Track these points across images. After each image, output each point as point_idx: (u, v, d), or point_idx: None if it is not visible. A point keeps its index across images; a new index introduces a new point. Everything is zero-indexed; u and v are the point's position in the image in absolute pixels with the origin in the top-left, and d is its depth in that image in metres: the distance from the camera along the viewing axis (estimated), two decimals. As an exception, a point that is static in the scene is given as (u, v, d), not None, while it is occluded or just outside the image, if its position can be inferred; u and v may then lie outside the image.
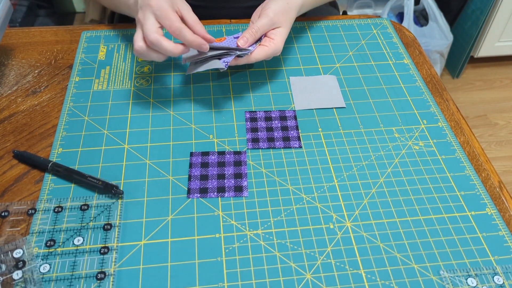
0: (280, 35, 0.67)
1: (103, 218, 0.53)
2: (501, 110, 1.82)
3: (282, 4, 0.68)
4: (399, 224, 0.54)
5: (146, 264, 0.49)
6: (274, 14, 0.67)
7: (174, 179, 0.57)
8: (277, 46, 0.66)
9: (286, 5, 0.68)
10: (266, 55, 0.66)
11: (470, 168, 0.60)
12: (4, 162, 0.59)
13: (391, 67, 0.74)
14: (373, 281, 0.48)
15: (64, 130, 0.62)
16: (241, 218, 0.53)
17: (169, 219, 0.53)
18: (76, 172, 0.56)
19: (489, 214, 0.55)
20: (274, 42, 0.66)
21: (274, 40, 0.66)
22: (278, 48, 0.66)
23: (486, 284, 0.49)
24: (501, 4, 1.65)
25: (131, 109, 0.65)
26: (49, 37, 0.78)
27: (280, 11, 0.67)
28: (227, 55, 0.63)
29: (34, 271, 0.48)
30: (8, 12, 0.68)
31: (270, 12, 0.67)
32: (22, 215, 0.53)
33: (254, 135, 0.63)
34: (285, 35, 0.68)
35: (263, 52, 0.65)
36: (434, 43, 1.70)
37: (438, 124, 0.65)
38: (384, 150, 0.62)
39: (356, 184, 0.57)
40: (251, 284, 0.48)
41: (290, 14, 0.69)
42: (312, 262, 0.50)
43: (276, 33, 0.67)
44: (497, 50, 1.86)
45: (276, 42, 0.66)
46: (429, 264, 0.50)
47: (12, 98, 0.67)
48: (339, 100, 0.68)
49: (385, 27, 0.83)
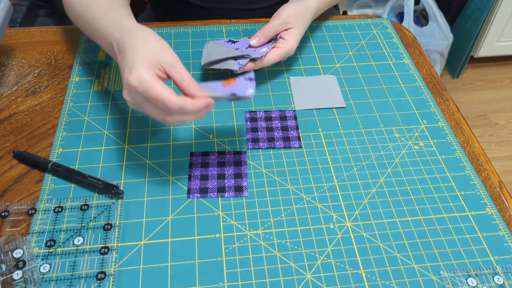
0: (293, 36, 0.68)
1: (103, 218, 0.53)
2: (501, 110, 1.82)
3: (296, 7, 0.69)
4: (399, 224, 0.53)
5: (146, 264, 0.49)
6: (287, 15, 0.68)
7: (174, 179, 0.57)
8: (290, 46, 0.68)
9: (300, 8, 0.70)
10: (280, 56, 0.67)
11: (470, 168, 0.60)
12: (4, 162, 0.59)
13: (391, 67, 0.74)
14: (373, 281, 0.48)
15: (64, 130, 0.62)
16: (241, 218, 0.53)
17: (169, 219, 0.53)
18: (76, 172, 0.56)
19: (489, 214, 0.55)
20: (287, 43, 0.67)
21: (287, 41, 0.68)
22: (291, 48, 0.68)
23: (486, 284, 0.49)
24: (501, 4, 1.65)
25: (131, 109, 0.65)
26: (49, 37, 0.78)
27: (293, 13, 0.69)
28: (243, 58, 0.65)
29: (34, 271, 0.48)
30: (8, 12, 0.68)
31: (283, 14, 0.68)
32: (22, 215, 0.53)
33: (254, 135, 0.63)
34: (299, 36, 0.69)
35: (277, 54, 0.67)
36: (434, 43, 1.70)
37: (438, 124, 0.65)
38: (384, 150, 0.62)
39: (356, 184, 0.57)
40: (251, 284, 0.48)
41: (304, 17, 0.70)
42: (312, 262, 0.50)
43: (289, 34, 0.68)
44: (497, 50, 1.86)
45: (289, 43, 0.67)
46: (429, 264, 0.50)
47: (12, 98, 0.67)
48: (339, 100, 0.68)
49: (385, 27, 0.83)
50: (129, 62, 0.49)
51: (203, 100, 0.49)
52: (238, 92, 0.52)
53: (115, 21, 0.56)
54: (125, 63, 0.50)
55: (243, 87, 0.53)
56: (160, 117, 0.49)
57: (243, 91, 0.52)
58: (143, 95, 0.48)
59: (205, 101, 0.49)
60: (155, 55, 0.49)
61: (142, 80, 0.47)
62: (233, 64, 0.64)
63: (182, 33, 0.79)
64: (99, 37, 0.59)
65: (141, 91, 0.47)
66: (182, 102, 0.47)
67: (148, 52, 0.49)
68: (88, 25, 0.62)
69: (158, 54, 0.50)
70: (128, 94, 0.50)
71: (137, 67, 0.48)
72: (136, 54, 0.49)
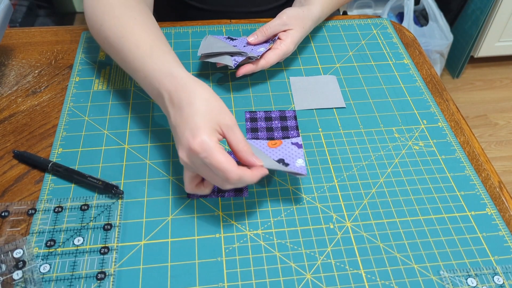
0: (291, 37, 0.68)
1: (103, 218, 0.53)
2: (501, 110, 1.82)
3: (298, 11, 0.70)
4: (399, 224, 0.54)
5: (146, 264, 0.49)
6: (287, 17, 0.69)
7: (174, 179, 0.57)
8: (287, 47, 0.68)
9: (301, 12, 0.70)
10: (278, 57, 0.68)
11: (470, 168, 0.60)
12: (4, 162, 0.59)
13: (391, 67, 0.74)
14: (373, 281, 0.48)
15: (64, 130, 0.62)
16: (241, 218, 0.53)
17: (169, 219, 0.53)
18: (76, 172, 0.56)
19: (489, 214, 0.55)
20: (284, 43, 0.68)
21: (284, 41, 0.68)
22: (288, 49, 0.68)
23: (486, 284, 0.49)
24: (501, 4, 1.65)
25: (131, 109, 0.65)
26: (49, 37, 0.78)
27: (293, 16, 0.69)
28: (239, 55, 0.66)
29: (34, 271, 0.48)
30: (8, 12, 0.68)
31: (283, 15, 0.69)
32: (22, 215, 0.53)
33: (254, 135, 0.63)
34: (296, 38, 0.69)
35: (275, 55, 0.67)
36: (434, 43, 1.70)
37: (438, 124, 0.65)
38: (384, 150, 0.62)
39: (356, 184, 0.57)
40: (251, 284, 0.48)
41: (304, 21, 0.70)
42: (312, 262, 0.50)
43: (287, 35, 0.68)
44: (497, 50, 1.86)
45: (286, 43, 0.68)
46: (429, 264, 0.50)
47: (12, 98, 0.67)
48: (339, 100, 0.68)
49: (385, 27, 0.83)
50: (190, 123, 0.48)
51: (260, 171, 0.50)
52: (287, 159, 0.54)
53: (163, 67, 0.53)
54: (185, 123, 0.49)
55: (291, 154, 0.55)
56: (219, 183, 0.49)
57: (292, 160, 0.54)
58: (204, 161, 0.47)
59: (261, 173, 0.50)
60: (216, 118, 0.49)
61: (206, 147, 0.47)
62: (229, 60, 0.65)
63: (182, 33, 0.79)
64: (141, 78, 0.56)
65: (203, 157, 0.47)
66: (241, 173, 0.48)
67: (209, 115, 0.49)
68: (125, 60, 0.58)
69: (219, 117, 0.49)
70: (187, 157, 0.49)
71: (201, 133, 0.47)
72: (197, 115, 0.48)
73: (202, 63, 0.72)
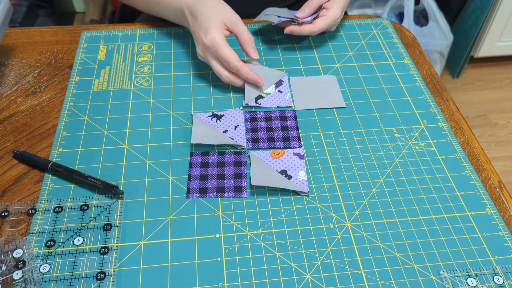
0: (337, 4, 0.73)
1: (103, 218, 0.53)
2: (501, 110, 1.82)
3: None
4: (399, 224, 0.54)
5: (146, 264, 0.49)
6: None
7: (174, 179, 0.57)
8: (335, 13, 0.73)
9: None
10: (327, 24, 0.73)
11: (470, 168, 0.60)
12: (4, 162, 0.59)
13: (391, 67, 0.74)
14: (373, 281, 0.48)
15: (64, 130, 0.62)
16: (241, 218, 0.53)
17: (169, 219, 0.53)
18: (76, 172, 0.56)
19: (489, 214, 0.55)
20: (331, 11, 0.73)
21: (331, 9, 0.73)
22: (336, 15, 0.73)
23: (486, 284, 0.49)
24: (501, 4, 1.65)
25: (131, 109, 0.65)
26: (49, 37, 0.78)
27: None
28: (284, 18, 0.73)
29: (34, 271, 0.48)
30: (8, 12, 0.68)
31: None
32: (22, 215, 0.53)
33: (254, 135, 0.63)
34: (341, 3, 0.74)
35: (324, 22, 0.72)
36: (434, 43, 1.70)
37: (438, 124, 0.65)
38: (384, 150, 0.62)
39: (356, 184, 0.57)
40: (251, 284, 0.48)
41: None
42: (312, 262, 0.50)
43: (331, 3, 0.73)
44: (497, 50, 1.86)
45: (333, 10, 0.73)
46: (429, 264, 0.50)
47: (12, 98, 0.67)
48: (339, 100, 0.68)
49: (385, 27, 0.83)
50: (203, 26, 0.64)
51: (255, 76, 0.65)
52: (289, 171, 0.57)
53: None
54: (199, 26, 0.65)
55: (293, 165, 0.58)
56: (221, 72, 0.66)
57: (294, 172, 0.57)
58: (214, 53, 0.64)
59: (255, 78, 0.65)
60: (221, 18, 0.65)
61: (215, 42, 0.63)
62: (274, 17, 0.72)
63: (182, 33, 0.79)
64: (165, 5, 0.72)
65: (213, 51, 0.64)
66: (241, 65, 0.64)
67: (216, 16, 0.65)
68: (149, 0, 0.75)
69: (223, 17, 0.65)
70: (202, 51, 0.66)
71: (210, 31, 0.63)
72: (208, 19, 0.64)
73: (202, 63, 0.72)
